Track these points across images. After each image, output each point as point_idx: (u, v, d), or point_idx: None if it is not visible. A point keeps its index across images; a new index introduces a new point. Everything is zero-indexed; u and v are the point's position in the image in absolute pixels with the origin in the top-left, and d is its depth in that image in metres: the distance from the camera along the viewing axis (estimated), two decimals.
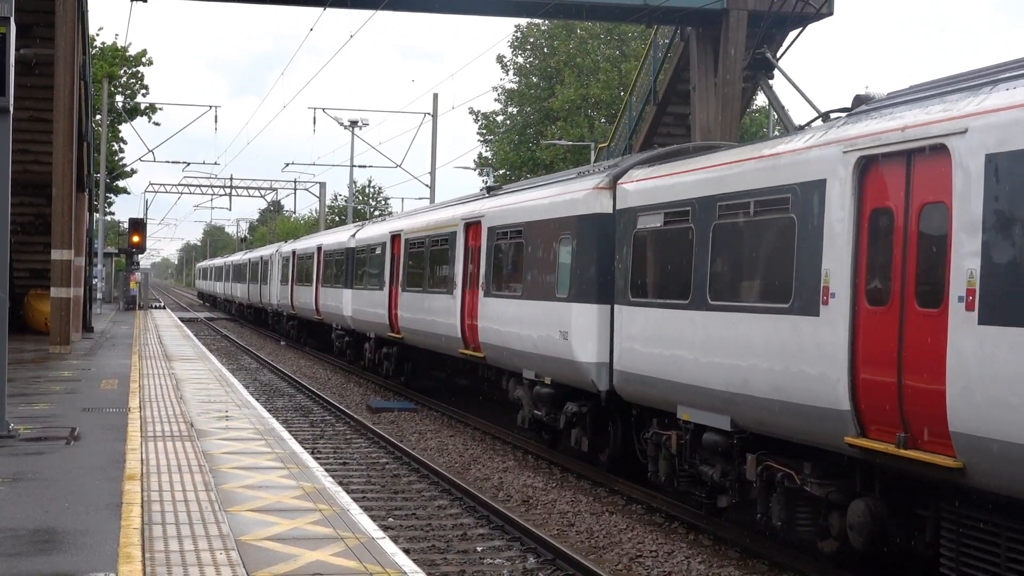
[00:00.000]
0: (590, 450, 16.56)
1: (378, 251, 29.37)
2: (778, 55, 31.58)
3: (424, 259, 24.53)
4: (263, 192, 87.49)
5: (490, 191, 22.53)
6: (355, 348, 32.92)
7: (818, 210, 10.64)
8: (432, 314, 23.34)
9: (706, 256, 12.73)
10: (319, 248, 39.37)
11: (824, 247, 10.51)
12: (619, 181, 15.45)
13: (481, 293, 20.21)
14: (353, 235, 33.65)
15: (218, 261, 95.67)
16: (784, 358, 11.04)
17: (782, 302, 11.15)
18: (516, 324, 18.26)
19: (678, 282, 13.40)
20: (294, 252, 45.59)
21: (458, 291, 21.58)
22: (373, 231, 31.39)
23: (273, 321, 53.33)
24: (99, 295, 53.43)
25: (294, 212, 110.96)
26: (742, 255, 12.23)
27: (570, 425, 16.73)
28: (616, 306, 15.02)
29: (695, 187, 13.26)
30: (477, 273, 20.69)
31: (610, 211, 15.43)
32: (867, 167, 10.14)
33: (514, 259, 18.98)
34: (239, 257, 73.01)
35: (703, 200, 12.94)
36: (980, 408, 8.53)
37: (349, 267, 32.78)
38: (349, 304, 32.15)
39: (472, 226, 21.45)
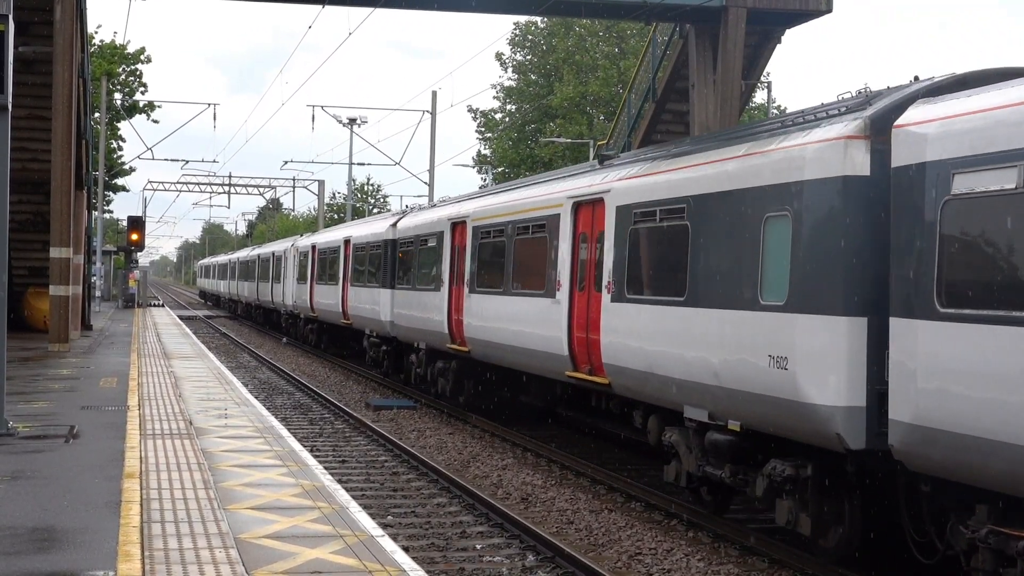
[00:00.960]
0: (812, 532, 11.40)
1: (431, 243, 24.39)
2: (772, 54, 31.71)
3: (505, 252, 19.71)
4: (262, 190, 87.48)
5: (603, 161, 17.35)
6: (395, 359, 28.43)
7: None
8: (519, 323, 18.52)
9: None
10: (346, 241, 34.40)
11: None
12: (895, 123, 10.07)
13: (606, 297, 15.27)
14: (393, 224, 28.71)
15: (222, 258, 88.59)
16: None
17: None
18: (677, 342, 13.18)
19: None
20: (314, 247, 40.41)
21: (564, 293, 16.88)
22: (423, 218, 26.20)
23: (287, 324, 47.88)
24: (98, 293, 53.43)
25: (293, 210, 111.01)
26: None
27: (775, 493, 11.73)
28: (907, 320, 9.55)
29: None
30: (593, 269, 16.03)
31: (866, 171, 10.42)
32: None
33: (669, 249, 13.81)
34: (246, 253, 67.55)
35: None
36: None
37: (388, 263, 28.15)
38: (388, 307, 27.59)
39: (586, 206, 16.57)
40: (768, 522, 13.46)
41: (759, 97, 55.42)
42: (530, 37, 63.67)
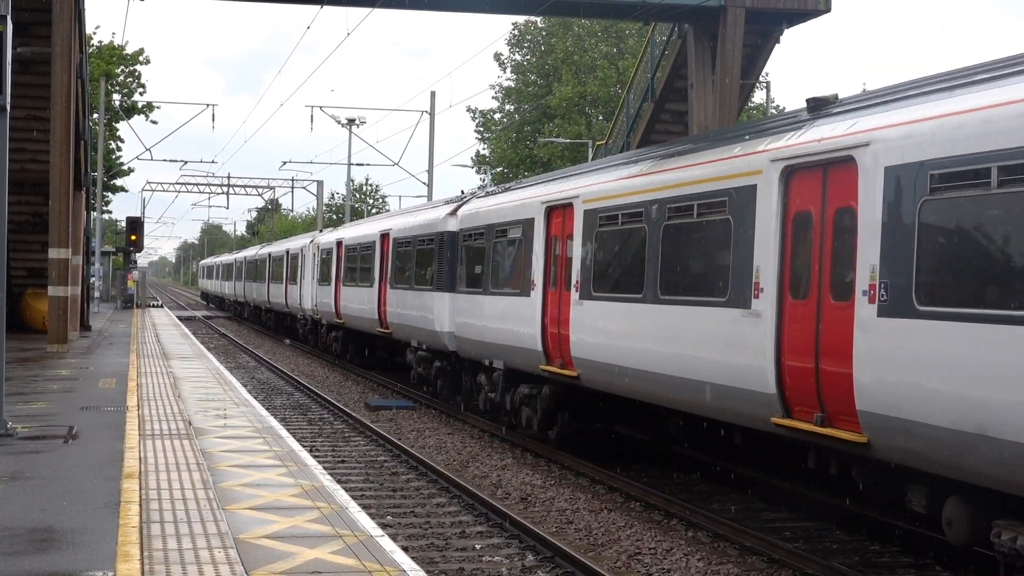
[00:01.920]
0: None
1: (514, 234, 19.45)
2: (770, 53, 31.72)
3: (646, 243, 14.45)
4: (260, 191, 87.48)
5: (815, 109, 12.05)
6: (453, 378, 23.48)
7: None
8: (679, 344, 13.54)
9: None
10: (384, 235, 29.31)
11: None
12: None
13: (868, 309, 10.07)
14: (453, 212, 23.42)
15: (227, 257, 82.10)
16: None
17: None
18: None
19: None
20: (340, 243, 35.29)
21: (767, 301, 11.66)
22: (499, 203, 20.78)
23: (306, 331, 42.79)
24: (97, 294, 53.42)
25: (291, 210, 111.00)
26: None
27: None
28: None
29: None
30: (790, 271, 11.50)
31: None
32: None
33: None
34: (255, 252, 62.38)
35: None
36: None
37: (447, 261, 23.06)
38: (447, 315, 22.60)
39: (803, 173, 11.33)
40: (768, 521, 13.47)
41: (758, 97, 55.44)
42: (529, 37, 63.69)
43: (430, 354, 24.35)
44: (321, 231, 46.81)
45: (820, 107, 12.05)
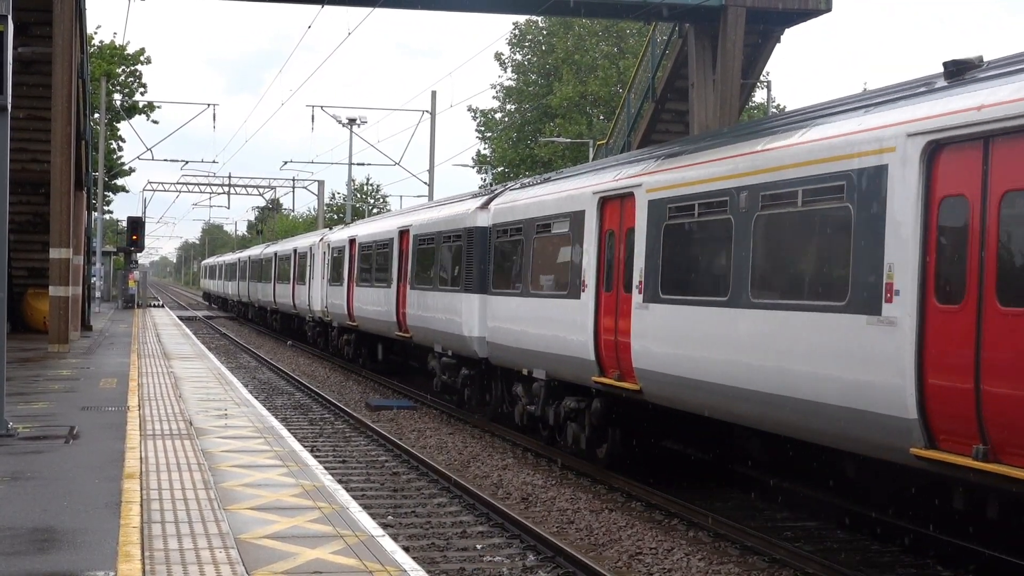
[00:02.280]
0: None
1: (560, 228, 17.23)
2: (771, 53, 31.73)
3: (732, 236, 12.39)
4: (261, 190, 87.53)
5: (957, 74, 10.22)
6: (483, 387, 21.69)
7: None
8: (789, 358, 11.34)
9: None
10: (403, 232, 27.16)
11: None
12: None
13: None
14: (483, 206, 21.25)
15: (230, 257, 79.24)
16: None
17: None
18: None
19: None
20: (353, 241, 33.26)
21: (904, 307, 9.71)
22: (541, 195, 18.58)
23: (315, 334, 40.85)
24: (98, 294, 53.43)
25: (292, 210, 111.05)
26: None
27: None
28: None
29: None
30: (935, 270, 9.61)
31: None
32: None
33: None
34: (260, 251, 59.81)
35: None
36: None
37: (476, 259, 20.95)
38: (476, 319, 20.70)
39: (954, 148, 9.49)
40: (769, 521, 13.47)
41: (759, 96, 55.44)
42: (529, 37, 63.68)
43: (456, 360, 22.34)
44: (331, 228, 44.29)
45: (963, 71, 10.16)
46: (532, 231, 18.40)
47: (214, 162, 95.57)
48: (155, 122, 60.01)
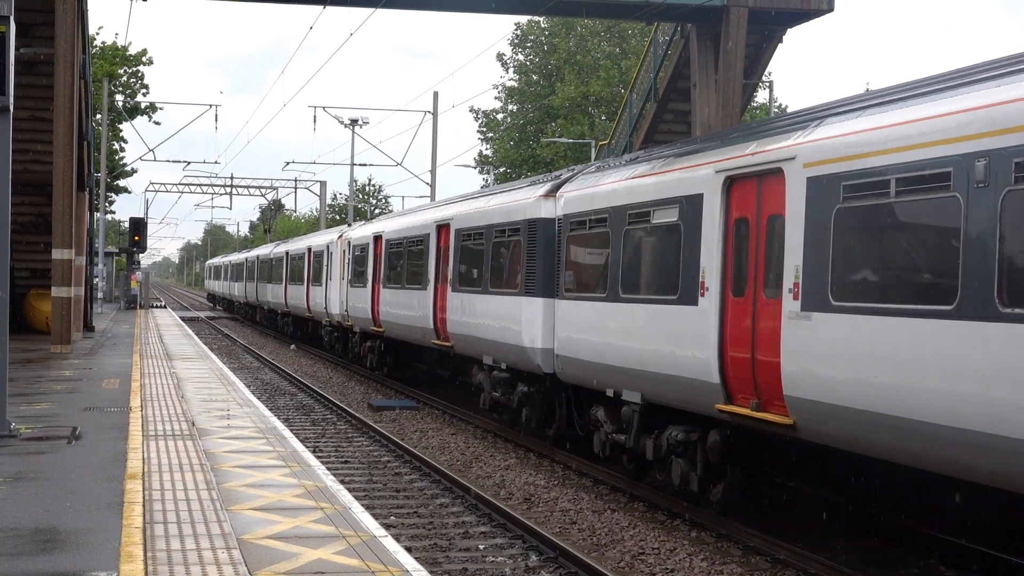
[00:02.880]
0: None
1: (664, 217, 14.04)
2: (773, 54, 31.76)
3: (995, 227, 8.83)
4: (263, 191, 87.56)
5: None
6: (545, 407, 18.62)
7: None
8: None
9: None
10: (441, 227, 23.78)
11: None
12: None
13: None
14: (548, 195, 18.09)
15: (236, 257, 75.46)
16: None
17: None
18: None
19: None
20: (379, 238, 29.98)
21: None
22: (633, 178, 15.22)
23: (332, 340, 37.38)
24: (100, 294, 53.49)
25: (294, 211, 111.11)
26: None
27: None
28: None
29: None
30: None
31: None
32: None
33: None
34: (269, 250, 56.18)
35: None
36: None
37: (540, 258, 17.86)
38: (540, 327, 17.66)
39: None
40: (770, 521, 13.43)
41: (761, 97, 55.45)
42: (531, 37, 63.71)
43: (511, 375, 19.30)
44: (350, 224, 41.31)
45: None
46: (622, 221, 15.03)
47: (216, 163, 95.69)
48: (157, 123, 60.13)
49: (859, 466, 11.75)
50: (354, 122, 60.89)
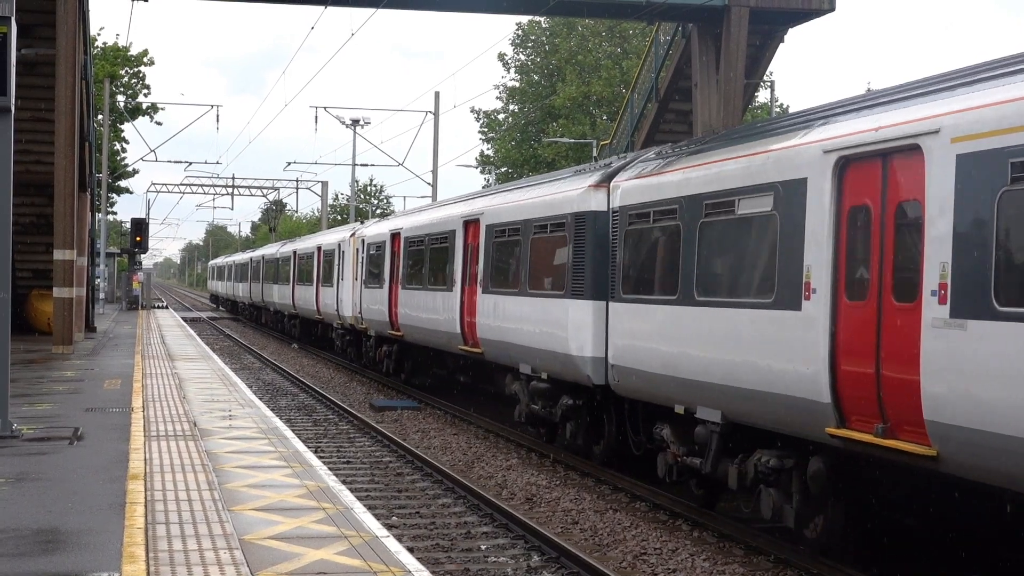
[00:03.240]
0: None
1: (749, 207, 12.10)
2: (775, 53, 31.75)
3: None
4: (265, 191, 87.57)
5: None
6: (594, 422, 16.98)
7: None
8: None
9: None
10: (469, 223, 21.92)
11: None
12: None
13: None
14: (600, 184, 16.17)
15: (240, 256, 73.45)
16: None
17: None
18: None
19: None
20: (397, 235, 28.13)
21: None
22: (707, 165, 13.26)
23: (344, 343, 35.35)
24: (102, 295, 53.50)
25: (296, 211, 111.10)
26: None
27: None
28: None
29: None
30: None
31: None
32: None
33: None
34: (276, 249, 54.07)
35: None
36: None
37: (589, 256, 16.06)
38: (591, 333, 15.83)
39: None
40: (774, 521, 13.42)
41: (762, 96, 55.42)
42: (533, 37, 63.70)
43: (552, 386, 17.53)
44: (362, 222, 40.14)
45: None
46: (698, 212, 13.02)
47: (217, 163, 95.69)
48: (159, 123, 60.12)
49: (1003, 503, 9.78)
50: (355, 122, 60.93)
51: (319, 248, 40.08)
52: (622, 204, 15.28)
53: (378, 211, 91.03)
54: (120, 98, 56.48)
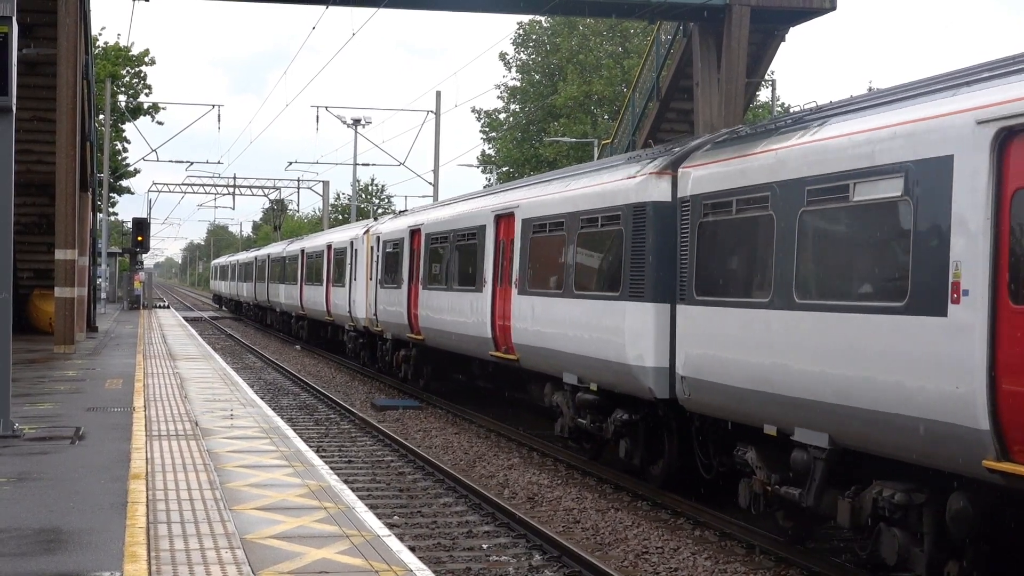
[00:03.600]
0: None
1: (867, 192, 10.10)
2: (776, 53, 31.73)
3: None
4: (266, 191, 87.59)
5: None
6: (651, 440, 15.27)
7: None
8: None
9: None
10: (502, 218, 20.22)
11: None
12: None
13: None
14: (663, 172, 14.40)
15: (244, 255, 70.86)
16: None
17: None
18: None
19: None
20: (416, 232, 26.22)
21: None
22: (802, 145, 11.26)
23: (357, 346, 33.57)
24: (103, 295, 53.52)
25: (297, 211, 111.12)
26: None
27: None
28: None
29: None
30: None
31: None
32: None
33: None
34: (282, 248, 52.32)
35: None
36: None
37: (650, 252, 14.32)
38: (652, 339, 14.15)
39: None
40: (776, 520, 13.41)
41: (763, 95, 55.40)
42: (534, 37, 63.71)
43: (601, 398, 15.80)
44: (377, 218, 37.89)
45: None
46: (797, 200, 11.04)
47: (219, 163, 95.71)
48: (160, 123, 60.19)
49: None
50: (357, 122, 60.93)
51: (329, 246, 38.23)
52: (694, 193, 13.33)
53: (379, 211, 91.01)
54: (121, 98, 56.49)
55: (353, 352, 34.19)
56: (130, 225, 66.16)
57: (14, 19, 13.04)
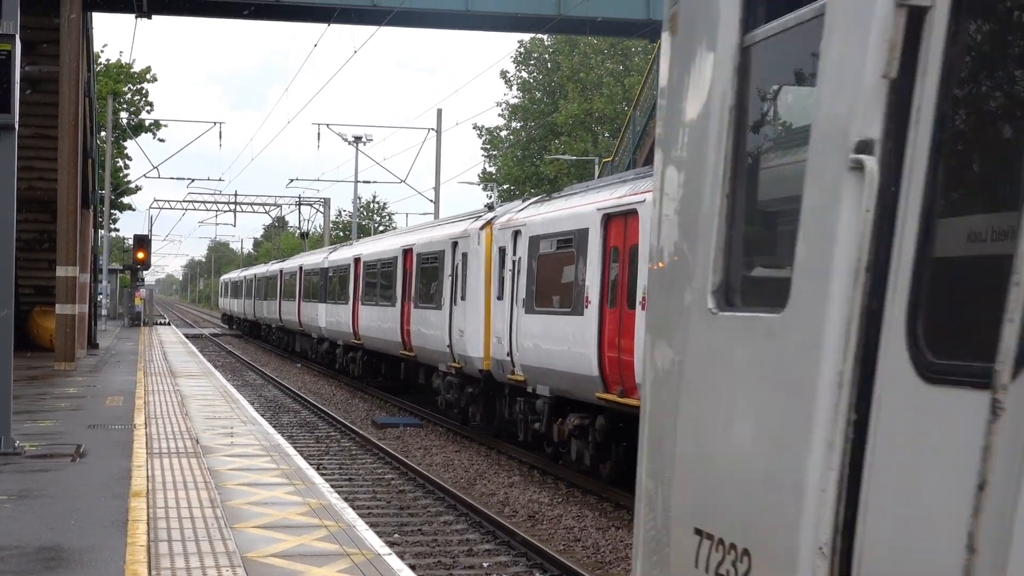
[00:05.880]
0: None
1: None
2: None
3: None
4: (267, 208, 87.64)
5: None
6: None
7: None
8: None
9: None
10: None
11: None
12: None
13: None
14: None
15: (261, 269, 63.13)
16: None
17: None
18: None
19: None
20: (613, 218, 15.90)
21: None
22: None
23: (461, 397, 23.05)
24: (104, 312, 53.52)
25: (298, 227, 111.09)
26: None
27: None
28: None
29: None
30: None
31: None
32: None
33: None
34: (322, 257, 41.62)
35: None
36: None
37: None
38: None
39: None
40: None
41: None
42: (535, 55, 63.88)
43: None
44: (491, 208, 24.62)
45: None
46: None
47: (220, 180, 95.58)
48: (161, 140, 60.29)
49: None
50: (358, 139, 61.04)
51: (407, 252, 27.84)
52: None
53: (380, 228, 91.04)
54: (123, 115, 56.62)
55: (453, 403, 23.82)
56: (131, 242, 66.22)
57: (17, 37, 13.09)
